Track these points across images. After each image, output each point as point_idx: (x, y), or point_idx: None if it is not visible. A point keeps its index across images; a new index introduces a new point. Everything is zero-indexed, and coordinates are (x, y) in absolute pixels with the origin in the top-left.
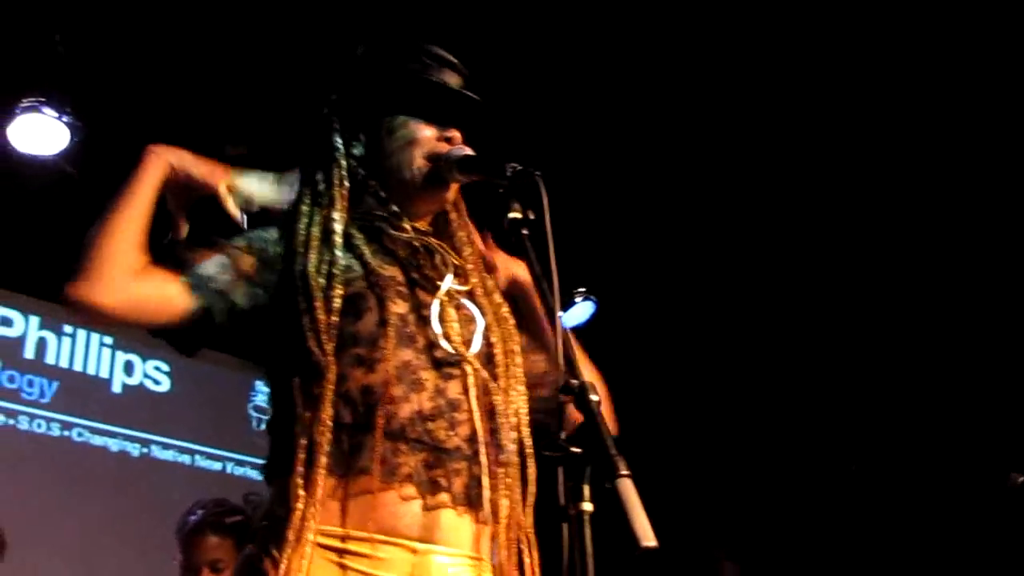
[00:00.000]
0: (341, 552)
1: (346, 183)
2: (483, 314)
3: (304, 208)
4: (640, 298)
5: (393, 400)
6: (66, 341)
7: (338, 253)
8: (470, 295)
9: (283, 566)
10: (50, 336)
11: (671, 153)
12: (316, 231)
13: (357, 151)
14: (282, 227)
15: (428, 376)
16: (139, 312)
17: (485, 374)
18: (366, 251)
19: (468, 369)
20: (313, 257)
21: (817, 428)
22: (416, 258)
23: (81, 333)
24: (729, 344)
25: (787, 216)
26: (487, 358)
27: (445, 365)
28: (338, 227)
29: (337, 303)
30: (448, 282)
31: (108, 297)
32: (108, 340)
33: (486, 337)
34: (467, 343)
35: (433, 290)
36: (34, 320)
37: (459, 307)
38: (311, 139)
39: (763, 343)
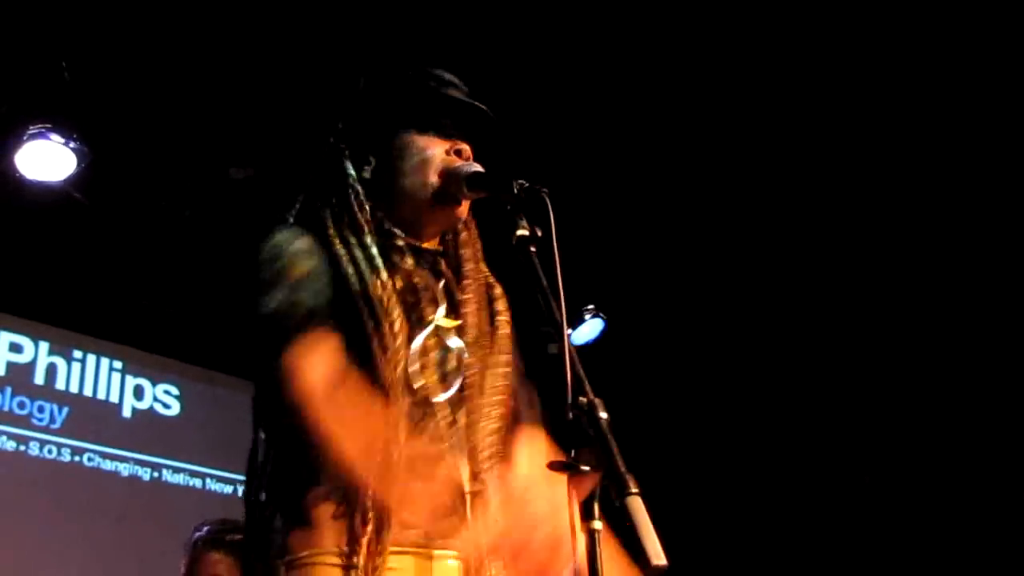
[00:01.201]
0: (346, 568)
1: (366, 207)
2: (468, 349)
3: (332, 232)
4: (649, 315)
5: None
6: (76, 367)
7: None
8: (460, 329)
9: None
10: (60, 362)
11: (680, 170)
12: (359, 253)
13: (366, 175)
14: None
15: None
16: None
17: (452, 416)
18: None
19: (438, 413)
20: (375, 281)
21: (829, 440)
22: (412, 293)
23: (91, 358)
24: (739, 359)
25: (796, 231)
26: (460, 398)
27: (420, 407)
28: (375, 251)
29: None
30: (438, 316)
31: None
32: (118, 365)
33: (465, 374)
34: (444, 385)
35: (422, 326)
36: (43, 346)
37: (442, 345)
38: (320, 166)
39: (773, 356)
